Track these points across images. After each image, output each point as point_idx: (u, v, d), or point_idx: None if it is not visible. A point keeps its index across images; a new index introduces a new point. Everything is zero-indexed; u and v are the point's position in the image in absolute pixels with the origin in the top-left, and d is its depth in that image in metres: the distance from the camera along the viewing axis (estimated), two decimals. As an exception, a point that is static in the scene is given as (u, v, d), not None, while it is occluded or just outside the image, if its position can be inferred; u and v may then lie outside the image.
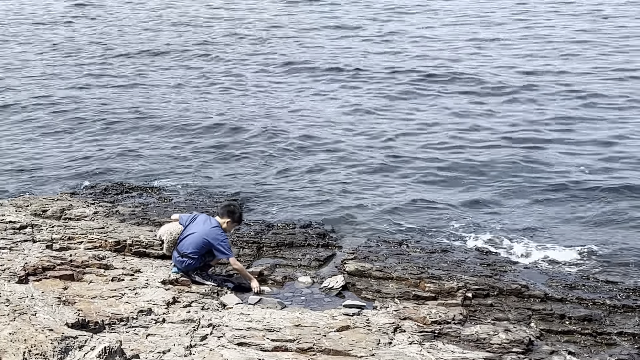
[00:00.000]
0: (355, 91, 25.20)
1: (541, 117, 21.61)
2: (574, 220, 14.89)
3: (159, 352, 7.92)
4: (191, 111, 23.70)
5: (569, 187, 16.53)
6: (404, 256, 12.59)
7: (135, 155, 19.76)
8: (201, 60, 31.30)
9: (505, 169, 17.88)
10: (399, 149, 19.46)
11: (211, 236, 11.06)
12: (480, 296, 11.02)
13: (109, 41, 35.78)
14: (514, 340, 9.39)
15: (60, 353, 6.33)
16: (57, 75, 29.71)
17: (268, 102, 24.42)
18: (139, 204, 15.27)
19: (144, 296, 9.96)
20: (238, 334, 8.80)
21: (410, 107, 23.19)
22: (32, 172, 18.77)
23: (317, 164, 18.55)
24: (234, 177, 17.77)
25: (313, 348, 8.54)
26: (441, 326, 9.83)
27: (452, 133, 20.64)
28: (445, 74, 26.69)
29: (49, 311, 8.25)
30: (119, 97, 25.81)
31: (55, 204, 14.42)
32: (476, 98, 23.88)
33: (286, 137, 20.72)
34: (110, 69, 30.43)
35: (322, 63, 29.23)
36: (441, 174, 17.66)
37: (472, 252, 13.08)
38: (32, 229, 12.62)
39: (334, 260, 12.84)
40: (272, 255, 13.06)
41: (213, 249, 11.06)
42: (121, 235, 12.69)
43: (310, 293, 11.54)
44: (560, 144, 19.33)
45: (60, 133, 22.08)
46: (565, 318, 10.44)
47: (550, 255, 12.99)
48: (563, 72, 26.26)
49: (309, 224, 14.55)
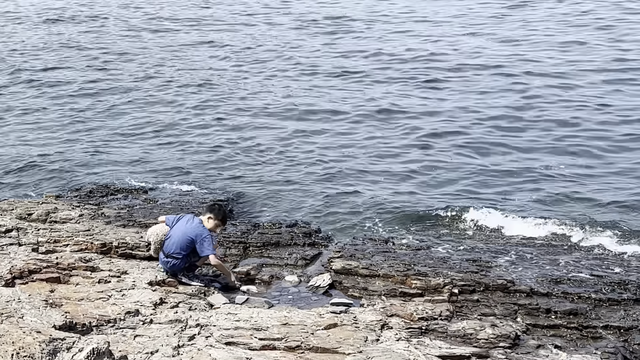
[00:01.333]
0: (342, 92, 25.19)
1: (515, 103, 21.82)
2: (559, 214, 14.96)
3: (147, 352, 7.93)
4: (176, 112, 23.66)
5: (553, 179, 16.66)
6: (390, 254, 12.64)
7: (120, 157, 19.72)
8: (185, 60, 31.24)
9: (487, 163, 17.99)
10: (382, 148, 19.51)
11: (193, 233, 11.01)
12: (467, 292, 11.07)
13: (94, 44, 35.64)
14: (501, 335, 9.45)
15: (48, 355, 6.33)
16: (43, 77, 29.60)
17: (254, 103, 24.40)
18: (124, 205, 15.25)
19: (131, 297, 9.96)
20: (226, 334, 8.82)
21: (395, 108, 23.22)
22: (16, 175, 18.71)
23: (302, 164, 18.58)
24: (219, 178, 17.78)
25: (301, 346, 8.57)
26: (428, 322, 9.88)
27: (434, 129, 20.70)
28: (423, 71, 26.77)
29: (36, 314, 8.25)
30: (102, 100, 25.71)
31: (41, 207, 14.39)
32: (451, 93, 23.99)
33: (271, 137, 20.73)
34: (95, 72, 30.32)
35: (310, 64, 29.29)
36: (424, 172, 17.72)
37: (458, 249, 13.14)
38: (18, 232, 12.60)
39: (320, 259, 12.87)
40: (259, 254, 13.08)
41: (196, 245, 11.00)
42: (107, 237, 12.68)
43: (297, 292, 11.56)
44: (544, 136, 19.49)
45: (43, 136, 21.98)
46: (551, 312, 10.50)
47: (535, 250, 13.05)
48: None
49: (295, 223, 14.58)
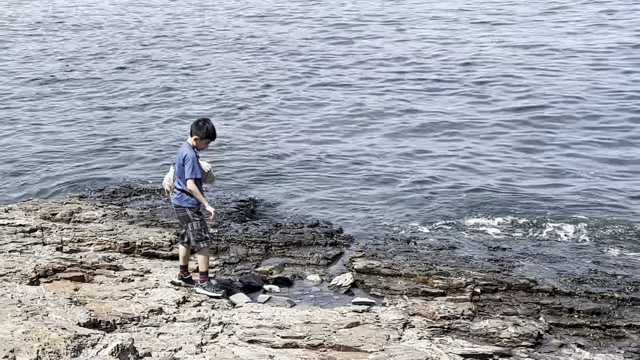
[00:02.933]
0: (362, 91, 25.20)
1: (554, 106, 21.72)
2: (582, 215, 14.91)
3: (171, 350, 7.98)
4: (198, 113, 23.74)
5: (579, 183, 16.59)
6: (412, 253, 12.63)
7: (142, 158, 19.83)
8: (204, 65, 31.37)
9: (510, 164, 17.96)
10: (406, 148, 19.52)
11: (182, 156, 10.43)
12: (489, 291, 11.05)
13: (119, 45, 35.87)
14: (523, 334, 9.43)
15: (73, 351, 6.39)
16: (65, 79, 29.82)
17: (274, 102, 24.47)
18: (147, 206, 15.32)
19: (154, 296, 10.02)
20: (248, 332, 8.86)
21: (414, 107, 23.20)
22: (40, 176, 18.85)
23: (325, 165, 18.61)
24: (241, 178, 17.84)
25: (323, 344, 8.59)
26: (450, 321, 9.87)
27: (456, 130, 20.69)
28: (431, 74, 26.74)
29: (60, 311, 8.32)
30: (124, 102, 25.87)
31: (64, 207, 14.49)
32: (466, 97, 23.95)
33: (293, 138, 20.78)
34: (120, 73, 30.51)
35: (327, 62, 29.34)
36: (447, 172, 17.70)
37: (480, 248, 13.10)
38: (42, 232, 12.70)
39: (342, 259, 12.88)
40: (281, 254, 13.11)
41: (185, 166, 10.37)
42: (130, 237, 12.76)
43: (319, 291, 11.59)
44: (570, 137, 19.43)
45: (67, 137, 22.14)
46: (574, 312, 10.47)
47: (558, 250, 13.00)
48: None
49: (317, 223, 14.58)
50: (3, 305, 7.90)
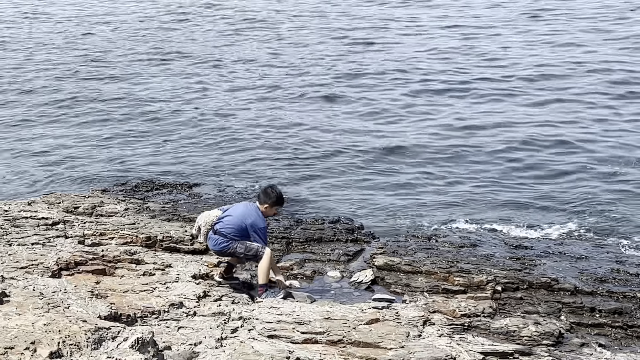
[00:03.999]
0: (384, 92, 25.14)
1: (575, 111, 21.60)
2: (605, 214, 14.82)
3: (191, 344, 8.00)
4: (220, 110, 23.81)
5: (601, 181, 16.48)
6: (433, 250, 12.60)
7: (165, 153, 19.91)
8: (236, 60, 31.41)
9: (532, 162, 17.87)
10: (427, 147, 19.46)
11: (250, 220, 10.68)
12: (510, 290, 11.01)
13: (139, 44, 36.00)
14: (544, 332, 9.38)
15: (94, 343, 6.41)
16: (88, 74, 29.98)
17: (296, 100, 24.49)
18: (169, 200, 15.39)
19: (175, 290, 10.05)
20: (268, 327, 8.86)
21: (435, 106, 23.14)
22: (63, 169, 18.97)
23: (346, 161, 18.60)
24: (262, 174, 17.85)
25: (343, 340, 8.58)
26: (470, 319, 9.84)
27: (478, 128, 20.62)
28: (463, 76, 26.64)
29: (81, 304, 8.36)
30: (149, 97, 25.97)
31: (87, 200, 14.58)
32: (505, 92, 23.82)
33: (315, 136, 20.77)
34: (142, 69, 30.63)
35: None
36: (469, 170, 17.64)
37: (501, 246, 13.05)
38: (65, 225, 12.78)
39: (362, 255, 12.88)
40: (302, 250, 13.12)
41: (250, 231, 10.65)
42: (152, 231, 12.81)
43: (340, 287, 11.59)
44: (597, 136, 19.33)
45: (90, 131, 22.26)
46: (595, 311, 10.42)
47: (580, 249, 12.93)
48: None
49: (338, 219, 14.58)
50: (25, 297, 7.94)
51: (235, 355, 7.55)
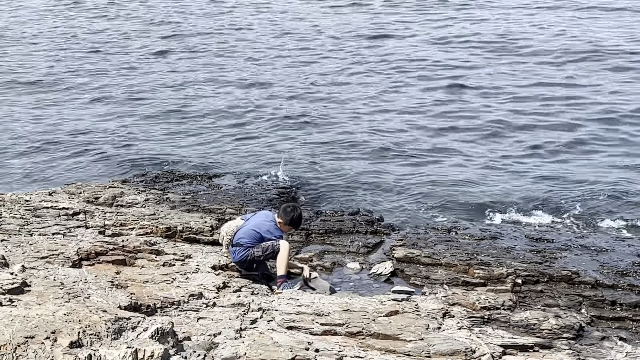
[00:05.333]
0: (407, 87, 25.05)
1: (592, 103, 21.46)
2: (625, 206, 14.72)
3: (210, 334, 8.00)
4: (239, 101, 23.85)
5: (627, 174, 16.38)
6: (453, 243, 12.57)
7: (185, 143, 19.96)
8: (257, 52, 31.42)
9: (554, 155, 17.77)
10: (448, 139, 19.42)
11: (263, 228, 10.89)
12: (530, 282, 10.97)
13: (158, 32, 36.08)
14: (565, 326, 9.32)
15: (114, 333, 6.43)
16: (109, 63, 30.12)
17: (318, 94, 24.46)
18: (189, 191, 15.41)
19: (195, 281, 10.06)
20: (287, 318, 8.85)
21: (457, 102, 23.06)
22: (84, 160, 19.06)
23: (366, 153, 18.57)
24: (283, 165, 17.84)
25: (362, 332, 8.56)
26: (490, 312, 9.80)
27: (500, 118, 20.53)
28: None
29: (102, 294, 8.38)
30: (169, 87, 26.04)
31: (107, 191, 14.62)
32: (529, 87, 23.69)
33: (335, 128, 20.76)
34: (162, 60, 30.71)
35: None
36: (489, 162, 17.57)
37: (522, 239, 12.99)
38: (85, 215, 12.82)
39: (382, 247, 12.86)
40: (321, 242, 13.12)
41: (265, 238, 10.85)
42: (172, 221, 12.84)
43: (359, 279, 11.58)
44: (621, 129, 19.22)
45: (110, 122, 22.34)
46: (616, 304, 10.36)
47: (602, 242, 12.85)
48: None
49: (357, 211, 14.57)
50: (45, 287, 7.98)
51: (254, 346, 7.54)
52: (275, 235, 10.91)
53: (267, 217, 11.18)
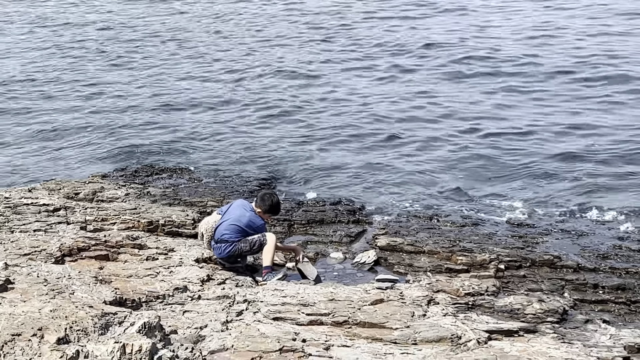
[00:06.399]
0: (385, 73, 25.05)
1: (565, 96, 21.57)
2: (604, 190, 14.81)
3: (196, 327, 8.00)
4: (218, 91, 23.78)
5: (598, 158, 16.46)
6: (435, 230, 12.64)
7: (164, 137, 19.85)
8: (232, 43, 31.33)
9: (531, 139, 17.86)
10: (427, 127, 19.44)
11: (244, 221, 10.87)
12: (513, 268, 11.06)
13: (136, 27, 35.91)
14: (548, 310, 9.39)
15: (101, 329, 6.42)
16: (84, 58, 29.95)
17: (294, 82, 24.43)
18: (169, 185, 15.37)
19: (179, 274, 10.05)
20: (273, 309, 8.88)
21: (439, 89, 23.08)
22: (63, 155, 18.94)
23: (345, 143, 18.56)
24: (263, 156, 17.80)
25: (348, 321, 8.60)
26: (474, 298, 9.86)
27: (478, 111, 20.59)
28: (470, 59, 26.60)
29: (86, 290, 8.36)
30: (145, 80, 25.92)
31: (87, 186, 14.55)
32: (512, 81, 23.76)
33: (313, 116, 20.73)
34: (137, 51, 30.56)
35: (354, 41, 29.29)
36: (468, 149, 17.60)
37: (503, 225, 13.08)
38: (66, 211, 12.76)
39: (365, 236, 12.90)
40: (303, 232, 13.15)
41: (248, 231, 10.84)
42: (153, 215, 12.80)
43: (343, 268, 11.61)
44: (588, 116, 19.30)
45: (87, 117, 22.20)
46: (598, 287, 10.46)
47: (582, 225, 12.96)
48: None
49: (339, 201, 14.58)
50: (29, 284, 7.96)
51: (241, 338, 7.55)
52: (257, 225, 10.91)
53: (245, 207, 11.15)
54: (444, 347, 8.06)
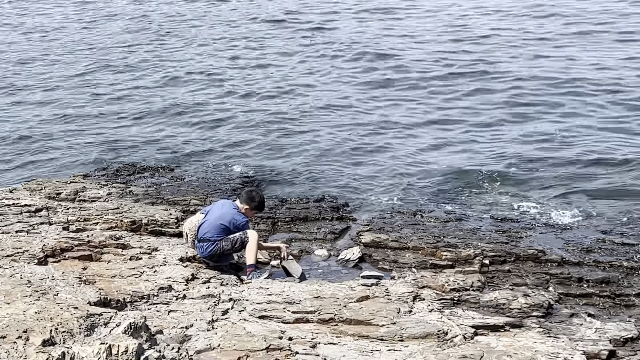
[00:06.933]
0: (369, 72, 25.05)
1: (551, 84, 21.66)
2: (588, 184, 14.85)
3: (182, 327, 7.95)
4: (198, 91, 23.70)
5: (581, 151, 16.51)
6: (419, 226, 12.64)
7: (146, 136, 19.76)
8: (215, 43, 31.25)
9: (515, 133, 17.92)
10: (409, 121, 19.45)
11: (227, 218, 10.87)
12: (498, 263, 11.08)
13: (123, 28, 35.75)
14: (534, 304, 9.41)
15: (86, 330, 6.36)
16: (65, 61, 29.76)
17: (276, 79, 24.39)
18: (151, 183, 15.30)
19: (163, 274, 9.99)
20: (259, 308, 8.84)
21: (422, 87, 23.12)
22: (44, 156, 18.81)
23: (328, 140, 18.54)
24: (245, 154, 17.76)
25: (334, 319, 8.57)
26: (460, 293, 9.85)
27: (464, 101, 20.65)
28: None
29: (70, 291, 8.29)
30: (128, 80, 25.81)
31: (69, 186, 14.46)
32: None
33: (295, 114, 20.70)
34: (122, 53, 30.42)
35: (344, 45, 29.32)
36: (451, 144, 17.64)
37: (487, 220, 13.11)
38: (48, 211, 12.66)
39: (349, 233, 12.89)
40: (288, 230, 13.12)
41: (231, 229, 10.83)
42: (136, 215, 12.73)
43: (328, 266, 11.60)
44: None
45: (68, 117, 22.05)
46: (583, 281, 10.50)
47: (566, 220, 13.00)
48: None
49: (323, 198, 14.57)
50: (12, 285, 7.87)
51: (227, 337, 7.51)
52: (240, 222, 10.90)
53: (227, 206, 11.17)
54: (430, 343, 8.05)
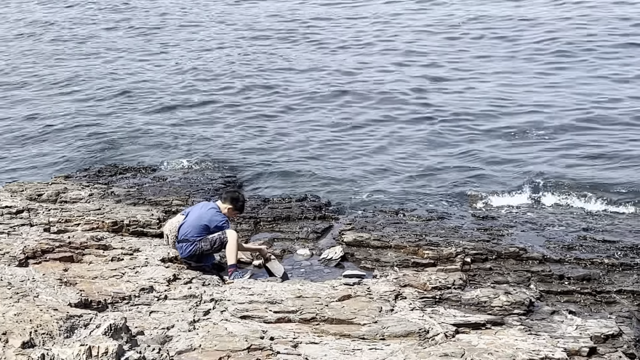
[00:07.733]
0: (347, 70, 25.06)
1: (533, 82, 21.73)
2: (568, 181, 14.91)
3: (163, 328, 7.94)
4: (179, 90, 23.63)
5: (559, 147, 16.60)
6: (401, 225, 12.66)
7: (126, 136, 19.70)
8: (189, 42, 31.19)
9: (495, 132, 17.97)
10: (388, 122, 19.47)
11: (207, 218, 10.90)
12: (479, 261, 11.11)
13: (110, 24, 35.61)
14: (515, 302, 9.44)
15: (66, 331, 6.34)
16: (53, 56, 29.66)
17: (259, 80, 24.35)
18: (133, 184, 15.25)
19: (145, 274, 9.97)
20: (241, 308, 8.83)
21: (410, 85, 23.14)
22: (24, 157, 18.73)
23: (309, 139, 18.54)
24: (227, 154, 17.73)
25: (316, 318, 8.57)
26: (442, 292, 9.87)
27: (442, 100, 20.68)
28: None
29: (51, 292, 8.26)
30: (106, 78, 25.70)
31: (50, 187, 14.39)
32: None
33: (278, 114, 20.70)
34: (105, 50, 30.31)
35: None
36: (431, 144, 17.68)
37: (469, 218, 13.14)
38: (29, 213, 12.59)
39: (331, 232, 12.90)
40: (270, 229, 13.12)
41: (211, 228, 10.84)
42: (118, 215, 12.68)
43: (310, 265, 11.60)
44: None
45: (48, 118, 21.96)
46: (564, 278, 10.54)
47: (547, 217, 13.04)
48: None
49: (305, 197, 14.58)
50: (-7, 287, 7.84)
51: (209, 337, 7.51)
52: (220, 221, 10.91)
53: (207, 206, 11.21)
54: (412, 341, 8.06)
